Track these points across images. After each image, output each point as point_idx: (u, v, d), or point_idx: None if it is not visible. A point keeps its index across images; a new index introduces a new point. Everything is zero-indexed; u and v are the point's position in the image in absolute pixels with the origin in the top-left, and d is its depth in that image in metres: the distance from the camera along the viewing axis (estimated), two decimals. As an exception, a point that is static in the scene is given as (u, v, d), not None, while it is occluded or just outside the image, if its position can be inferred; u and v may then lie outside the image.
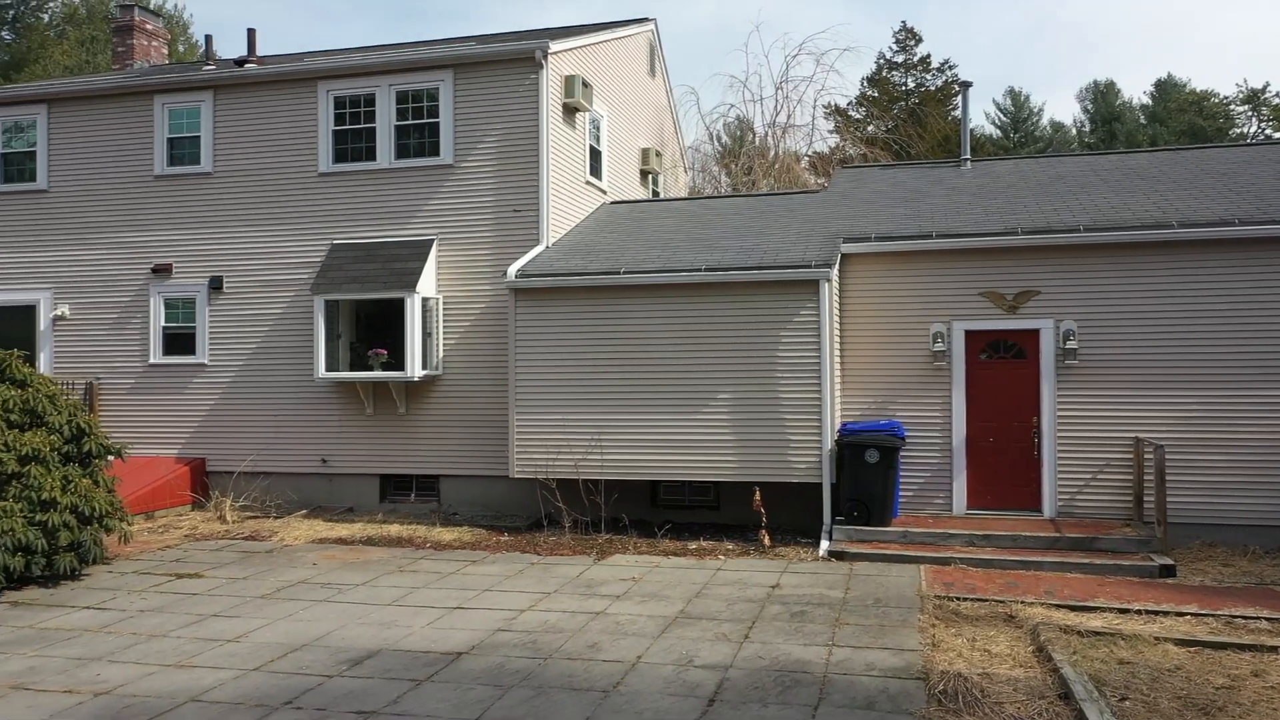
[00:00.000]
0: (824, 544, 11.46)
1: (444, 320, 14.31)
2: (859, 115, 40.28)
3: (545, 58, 14.06)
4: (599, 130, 16.42)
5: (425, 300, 14.01)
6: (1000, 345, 12.50)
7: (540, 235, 13.96)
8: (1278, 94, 48.21)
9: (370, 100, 14.71)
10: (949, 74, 44.16)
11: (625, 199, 17.30)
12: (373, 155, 14.70)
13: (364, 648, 7.89)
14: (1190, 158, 15.22)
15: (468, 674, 7.19)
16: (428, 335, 14.08)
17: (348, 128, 14.80)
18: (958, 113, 40.05)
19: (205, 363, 15.29)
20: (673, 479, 12.78)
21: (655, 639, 7.99)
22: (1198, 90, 50.70)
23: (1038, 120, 52.58)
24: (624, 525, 12.89)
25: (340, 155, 14.84)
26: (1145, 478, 11.45)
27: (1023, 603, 8.97)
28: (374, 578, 10.46)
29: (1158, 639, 7.72)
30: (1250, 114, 48.84)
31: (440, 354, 14.27)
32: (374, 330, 14.22)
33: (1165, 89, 51.67)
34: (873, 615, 8.62)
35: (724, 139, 32.40)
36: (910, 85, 44.86)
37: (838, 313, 12.56)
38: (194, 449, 15.25)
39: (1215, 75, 68.64)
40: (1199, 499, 11.56)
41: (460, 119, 14.39)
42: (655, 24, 19.60)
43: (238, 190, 15.26)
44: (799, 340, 12.02)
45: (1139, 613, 8.65)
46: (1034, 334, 12.32)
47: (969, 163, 16.24)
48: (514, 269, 13.00)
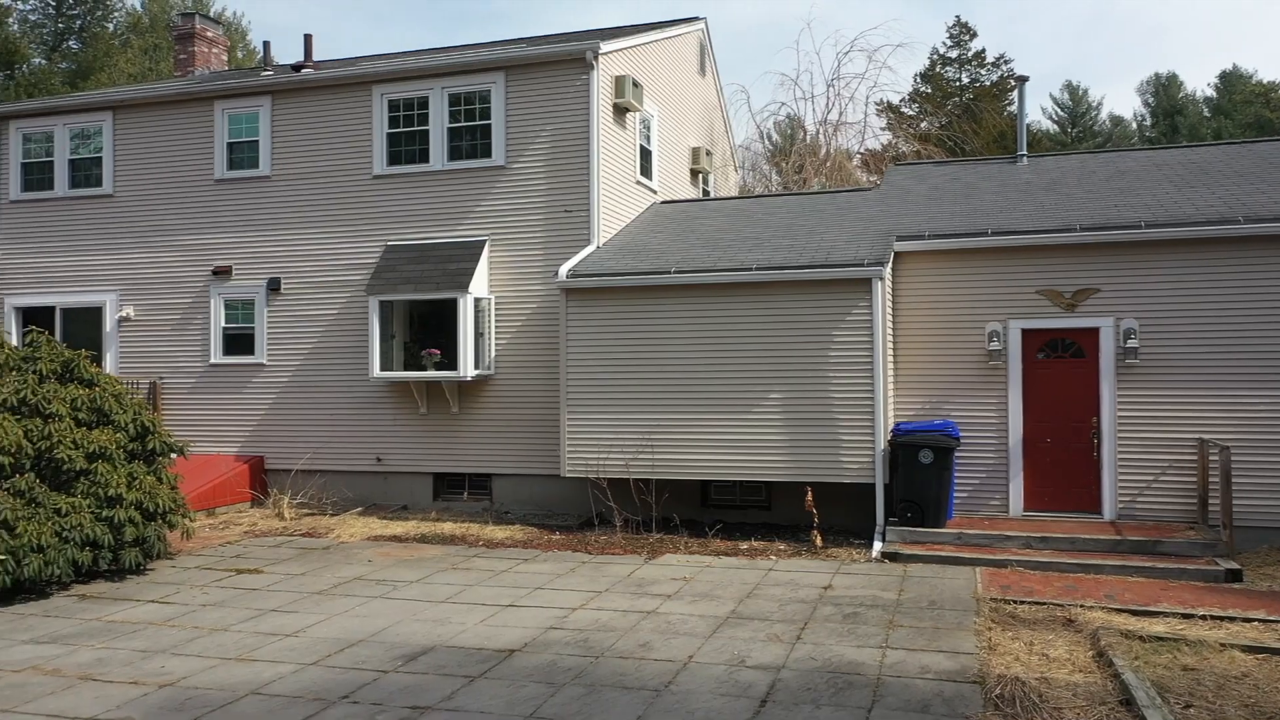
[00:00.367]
0: (877, 545, 11.35)
1: (496, 320, 14.43)
2: (912, 112, 39.78)
3: (596, 59, 14.11)
4: (649, 130, 16.44)
5: (477, 300, 14.14)
6: (1058, 344, 12.26)
7: (591, 235, 14.01)
8: (1349, 84, 46.71)
9: (423, 103, 14.88)
10: (1004, 69, 43.46)
11: (675, 198, 17.30)
12: (426, 157, 14.87)
13: (418, 644, 7.99)
14: (1257, 151, 14.79)
15: (520, 671, 7.24)
16: (480, 335, 14.21)
17: (401, 130, 15.00)
18: (1013, 108, 39.45)
19: (264, 362, 15.60)
20: (724, 479, 12.74)
21: (707, 639, 7.97)
22: (1265, 82, 49.27)
23: (1096, 115, 51.54)
24: (675, 525, 12.88)
25: (394, 158, 15.04)
26: (1210, 480, 11.16)
27: (1082, 606, 8.79)
28: (428, 575, 10.59)
29: (1223, 645, 7.52)
30: (1320, 105, 47.36)
31: (492, 354, 14.39)
32: (427, 330, 14.40)
33: (1230, 81, 50.30)
34: (927, 617, 8.52)
35: (774, 137, 32.27)
36: (964, 81, 44.23)
37: (890, 312, 12.43)
38: (253, 447, 15.56)
39: (1283, 66, 66.64)
40: (1267, 502, 11.24)
41: (512, 120, 14.50)
42: (705, 23, 19.56)
43: (295, 193, 15.55)
44: (851, 339, 11.92)
45: (1204, 618, 8.43)
46: (1093, 332, 12.07)
47: (1025, 158, 15.96)
48: (565, 269, 13.07)
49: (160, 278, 16.20)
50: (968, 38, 44.38)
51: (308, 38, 17.46)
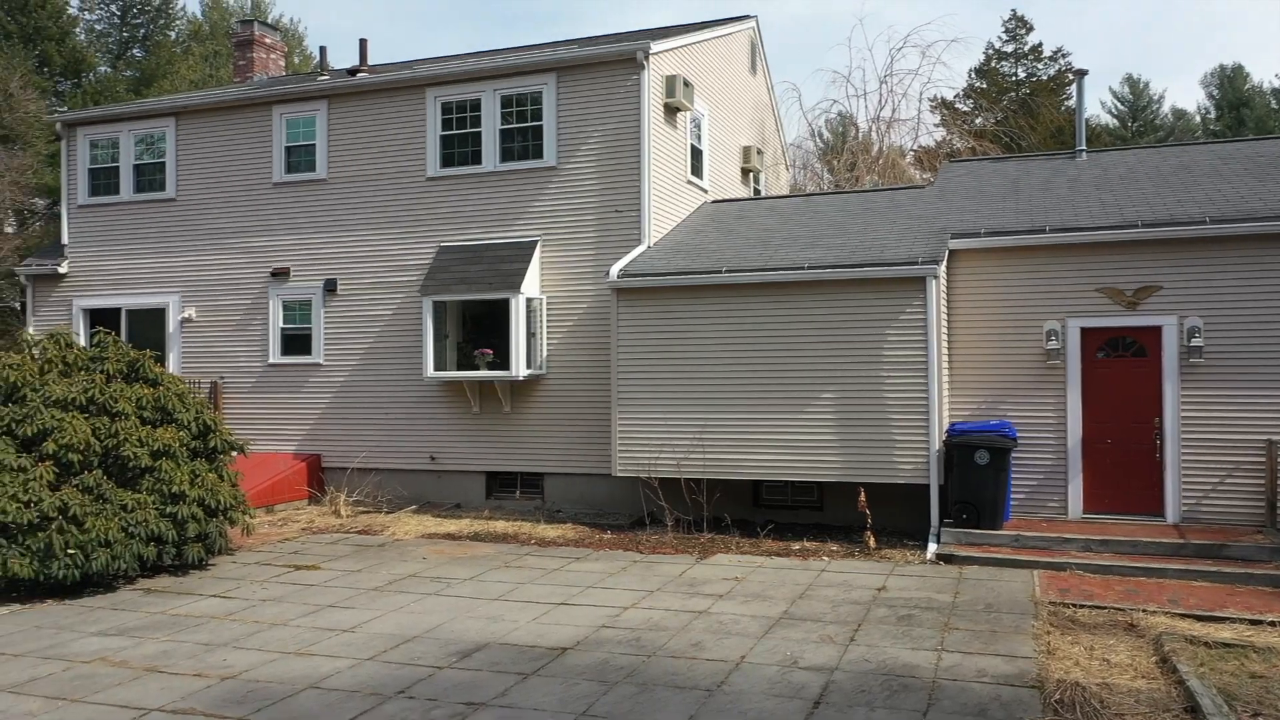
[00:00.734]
0: (931, 547, 11.21)
1: (547, 320, 14.51)
2: (966, 108, 39.19)
3: (646, 58, 14.12)
4: (700, 129, 16.41)
5: (529, 301, 14.24)
6: (1119, 343, 12.00)
7: (642, 235, 14.03)
8: None
9: (476, 105, 15.03)
10: (1062, 62, 42.58)
11: (726, 198, 17.25)
12: (478, 159, 15.01)
13: (472, 640, 8.07)
14: (1328, 143, 14.33)
15: (573, 669, 7.28)
16: (532, 335, 14.31)
17: (454, 132, 15.15)
18: (1071, 102, 38.65)
19: (320, 362, 15.87)
20: (775, 479, 12.68)
21: (759, 639, 7.94)
22: (1336, 72, 47.63)
23: (1158, 108, 50.28)
24: (726, 525, 12.85)
25: (447, 159, 15.21)
26: (1279, 482, 10.84)
27: (1144, 611, 8.60)
28: (481, 572, 10.69)
29: (1294, 653, 7.31)
30: (1395, 95, 45.71)
31: (544, 354, 14.48)
32: (480, 330, 14.53)
33: (1299, 71, 48.69)
34: (983, 620, 8.40)
35: (826, 135, 32.04)
36: (1020, 75, 43.45)
37: (945, 310, 12.27)
38: (310, 445, 15.84)
39: (1355, 55, 64.36)
40: (1339, 505, 10.89)
41: (563, 121, 14.58)
42: (756, 21, 19.47)
43: (350, 195, 15.79)
44: (905, 339, 11.78)
45: (1273, 624, 8.20)
46: (1155, 331, 11.79)
47: (1084, 154, 15.64)
48: (616, 269, 13.11)
49: (221, 279, 16.56)
50: (1024, 32, 43.58)
51: (363, 42, 17.71)
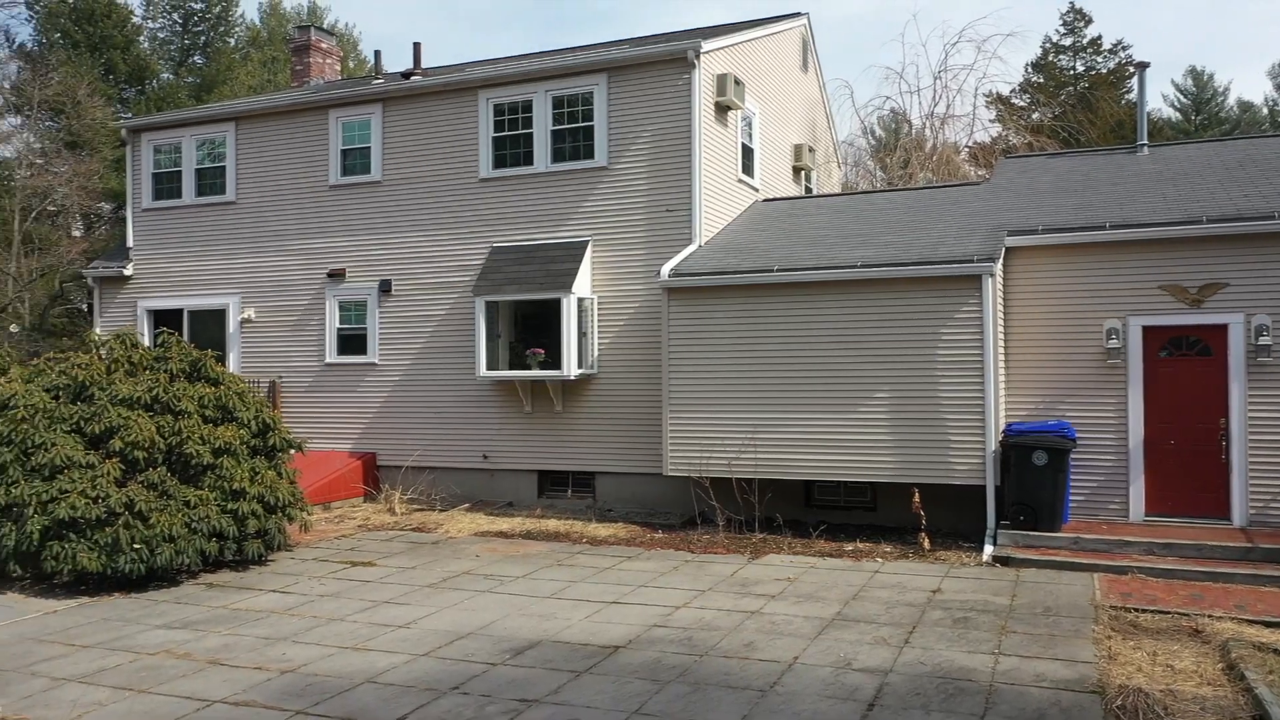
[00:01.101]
0: (987, 548, 11.04)
1: (598, 320, 14.56)
2: (1023, 103, 38.50)
3: (697, 57, 14.11)
4: (751, 127, 16.34)
5: (580, 300, 14.30)
6: (1182, 342, 11.71)
7: (693, 234, 14.01)
8: None
9: (527, 106, 15.13)
10: (1122, 55, 41.65)
11: (777, 196, 17.16)
12: (530, 160, 15.11)
13: (525, 638, 8.13)
14: (1404, 135, 13.83)
15: (625, 667, 7.30)
16: (583, 335, 14.37)
17: (506, 134, 15.27)
18: (1132, 96, 37.81)
19: (375, 362, 16.10)
20: (827, 479, 12.58)
21: (812, 640, 7.89)
22: None
23: (1223, 101, 48.94)
24: (778, 525, 12.78)
25: (499, 161, 15.33)
26: (1352, 485, 10.50)
27: (1210, 617, 8.39)
28: (533, 570, 10.76)
29: (1368, 661, 7.07)
30: None
31: (595, 353, 14.53)
32: (531, 330, 14.63)
33: (1373, 60, 47.07)
34: (1042, 624, 8.25)
35: (879, 132, 31.71)
36: (1079, 69, 42.59)
37: (1002, 309, 12.07)
38: (365, 444, 16.08)
39: None
40: None
41: (614, 121, 14.62)
42: (808, 18, 19.33)
43: (405, 197, 16.00)
44: (960, 338, 11.62)
45: (1345, 632, 7.94)
46: (1221, 329, 11.48)
47: (1146, 148, 15.28)
48: (667, 269, 13.11)
49: (279, 280, 16.88)
50: (1083, 24, 42.71)
51: (416, 46, 17.93)
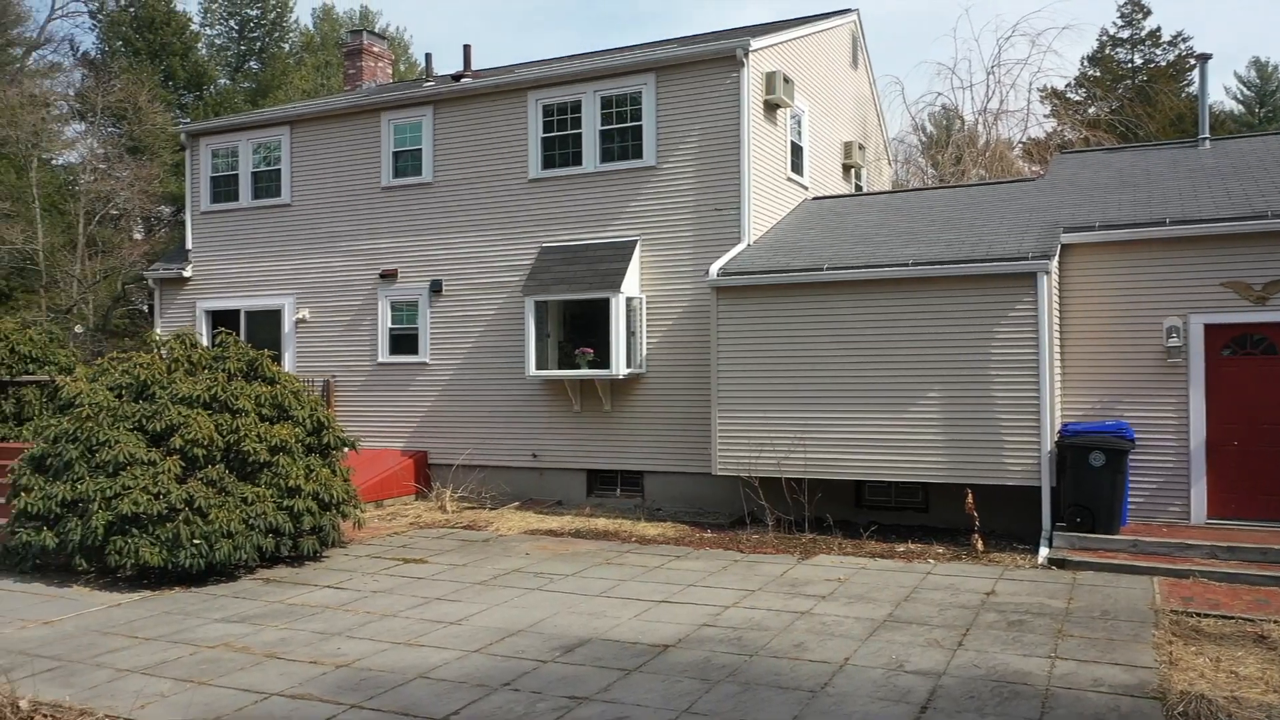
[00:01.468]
0: (1043, 551, 10.86)
1: (647, 319, 14.58)
2: (1078, 97, 37.78)
3: (746, 56, 14.05)
4: (800, 125, 16.24)
5: (629, 300, 14.33)
6: (1246, 340, 11.41)
7: (741, 233, 13.97)
8: None
9: (576, 107, 15.19)
10: (1182, 47, 40.67)
11: (827, 194, 17.04)
12: (578, 160, 15.18)
13: (575, 636, 8.17)
14: None
15: (675, 666, 7.30)
16: (631, 334, 14.39)
17: (555, 134, 15.35)
18: (1192, 89, 36.89)
19: (427, 362, 16.29)
20: (878, 479, 12.46)
21: (863, 641, 7.83)
22: None
23: (1288, 92, 47.51)
24: (828, 525, 12.69)
25: (548, 161, 15.42)
26: None
27: (1276, 622, 8.16)
28: (583, 569, 10.80)
29: None
30: None
31: (644, 352, 14.55)
32: (580, 329, 14.69)
33: None
34: (1100, 628, 8.09)
35: (930, 129, 31.32)
36: (1137, 62, 41.67)
37: (1057, 307, 11.86)
38: (417, 442, 16.27)
39: None
40: None
41: (662, 121, 14.62)
42: (858, 14, 19.16)
43: (455, 198, 16.16)
44: (1014, 337, 11.43)
45: None
46: (1287, 327, 11.17)
47: (1207, 142, 14.91)
48: (715, 268, 13.08)
49: (333, 281, 17.15)
50: (1141, 16, 41.78)
51: (466, 48, 18.12)
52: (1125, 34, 42.05)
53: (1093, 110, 33.92)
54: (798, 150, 16.12)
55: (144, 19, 37.11)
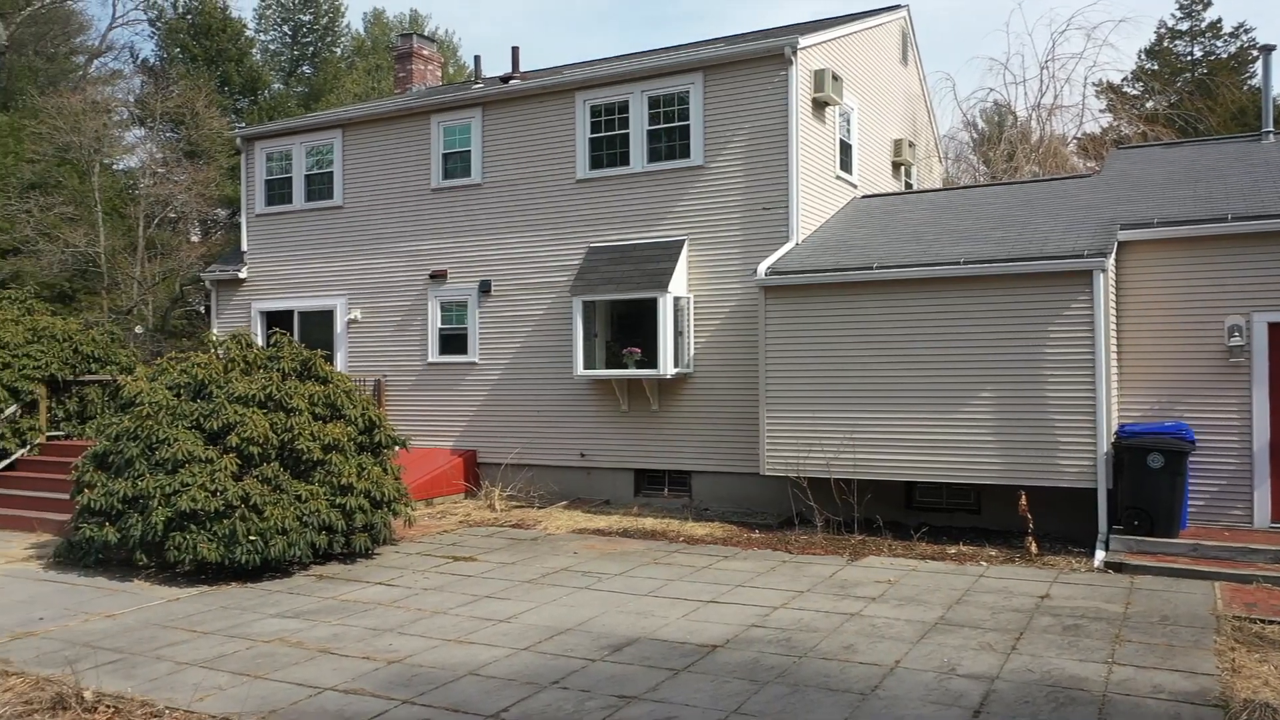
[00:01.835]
0: (1099, 554, 10.65)
1: (694, 319, 14.56)
2: (1136, 91, 36.99)
3: (794, 54, 13.97)
4: (849, 123, 16.11)
5: (676, 300, 14.32)
6: (1312, 339, 11.08)
7: (789, 232, 13.89)
8: None
9: (624, 107, 15.22)
10: (1244, 38, 39.59)
11: (876, 192, 16.87)
12: (626, 160, 15.20)
13: (623, 635, 8.18)
14: None
15: (723, 667, 7.28)
16: (679, 334, 14.38)
17: (603, 135, 15.39)
18: (1256, 81, 35.91)
19: (475, 361, 16.43)
20: (929, 480, 12.30)
21: (914, 644, 7.74)
22: None
23: (1356, 83, 46.04)
24: (877, 526, 12.57)
25: (596, 161, 15.46)
26: None
27: (1344, 630, 7.92)
28: (630, 568, 10.82)
29: None
30: None
31: (691, 352, 14.53)
32: (627, 329, 14.71)
33: None
34: (1159, 633, 7.91)
35: (981, 125, 30.86)
36: (1197, 54, 40.68)
37: (1114, 306, 11.62)
38: (466, 441, 16.42)
39: None
40: None
41: (709, 120, 14.59)
42: (908, 10, 18.96)
43: (503, 199, 16.28)
44: (1069, 336, 11.23)
45: None
46: (1356, 326, 10.82)
47: (1272, 135, 14.51)
48: (763, 267, 13.02)
49: (383, 282, 17.37)
50: (1201, 7, 40.78)
51: (515, 50, 18.22)
52: (1184, 26, 41.08)
53: (1151, 104, 33.18)
54: (846, 148, 15.99)
55: (201, 26, 37.93)
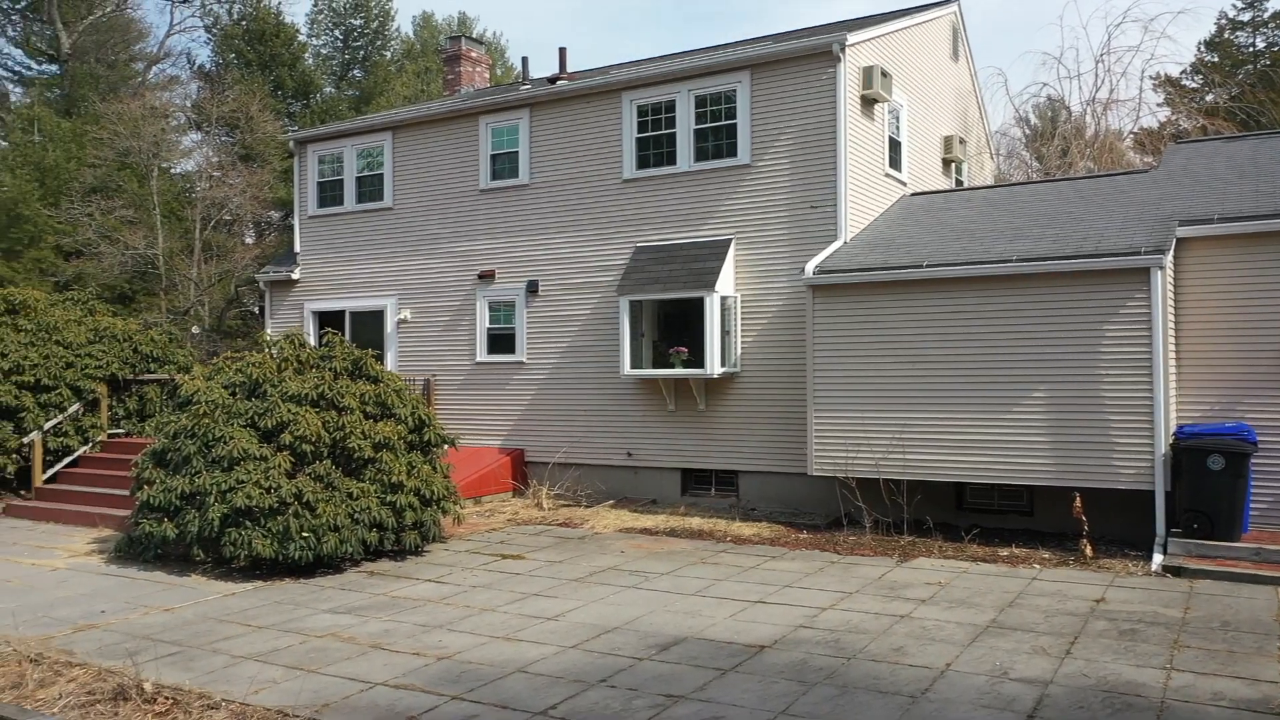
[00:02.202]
0: (1156, 557, 10.42)
1: (741, 318, 14.51)
2: (1195, 84, 36.12)
3: (843, 50, 13.86)
4: (898, 120, 15.94)
5: (723, 299, 14.28)
6: (1381, 337, 10.74)
7: (838, 231, 13.78)
8: None
9: (670, 106, 15.21)
10: (1309, 28, 38.47)
11: (926, 190, 16.68)
12: (672, 159, 15.19)
13: (670, 634, 8.18)
14: None
15: (771, 668, 7.25)
16: (726, 333, 14.34)
17: (649, 134, 15.40)
18: (1320, 72, 34.78)
19: (523, 361, 16.53)
20: (980, 481, 12.14)
21: (965, 647, 7.64)
22: None
23: None
24: (927, 527, 12.43)
25: (642, 161, 15.47)
26: None
27: None
28: (677, 568, 10.81)
29: None
30: None
31: (738, 351, 14.48)
32: (673, 329, 14.70)
33: None
34: (1219, 639, 7.73)
35: (1034, 121, 30.37)
36: (1259, 46, 39.60)
37: (1172, 304, 11.36)
38: (514, 440, 16.53)
39: None
40: None
41: (757, 118, 14.53)
42: (959, 5, 18.71)
43: (551, 199, 16.36)
44: (1125, 335, 11.00)
45: None
46: None
47: (1338, 128, 14.08)
48: (811, 266, 12.93)
49: (433, 282, 17.56)
50: (1262, -3, 39.70)
51: (562, 51, 18.29)
52: (1246, 17, 40.02)
53: (1210, 98, 32.37)
54: (896, 145, 15.82)
55: (255, 32, 38.64)
